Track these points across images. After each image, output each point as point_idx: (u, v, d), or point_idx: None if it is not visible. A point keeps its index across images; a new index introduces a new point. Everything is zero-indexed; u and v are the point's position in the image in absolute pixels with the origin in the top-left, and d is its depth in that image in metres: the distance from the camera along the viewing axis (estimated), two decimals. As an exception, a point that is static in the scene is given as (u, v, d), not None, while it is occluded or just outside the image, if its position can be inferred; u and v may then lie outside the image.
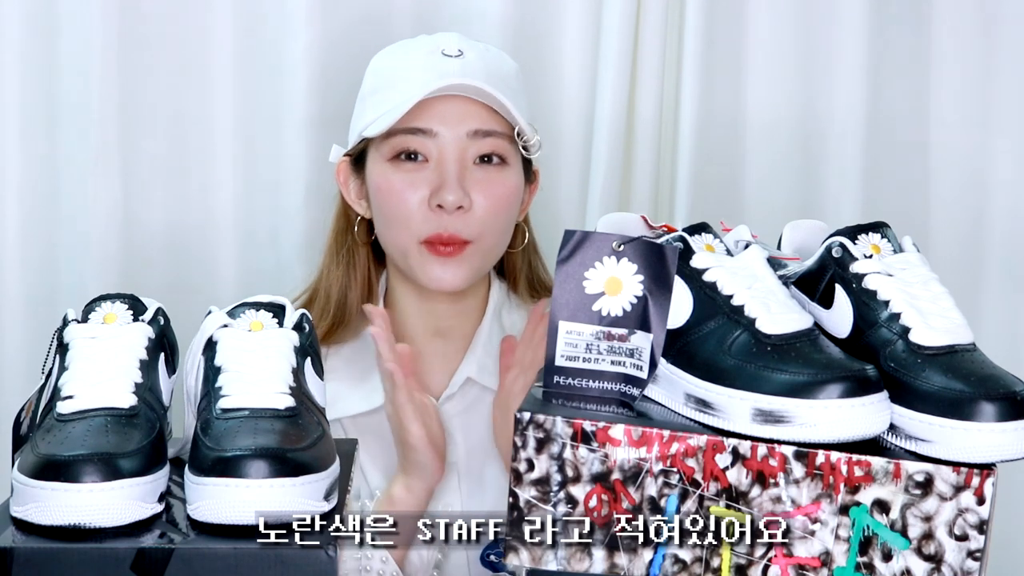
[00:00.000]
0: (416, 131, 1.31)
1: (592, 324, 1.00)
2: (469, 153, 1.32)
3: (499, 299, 1.42)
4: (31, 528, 0.89)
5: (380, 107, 1.32)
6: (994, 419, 0.90)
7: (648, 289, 0.99)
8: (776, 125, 1.69)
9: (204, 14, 1.65)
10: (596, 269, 1.01)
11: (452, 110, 1.30)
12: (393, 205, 1.32)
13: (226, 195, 1.67)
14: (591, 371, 1.01)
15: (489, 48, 1.37)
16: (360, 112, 1.36)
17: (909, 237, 1.03)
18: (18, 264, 1.64)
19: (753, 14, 1.70)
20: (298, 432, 0.94)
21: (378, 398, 1.35)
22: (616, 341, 1.00)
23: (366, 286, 1.41)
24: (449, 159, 1.31)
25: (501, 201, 1.33)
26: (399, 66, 1.34)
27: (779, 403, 0.91)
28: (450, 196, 1.29)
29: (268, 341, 1.01)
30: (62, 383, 0.97)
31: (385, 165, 1.33)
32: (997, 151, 1.72)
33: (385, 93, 1.33)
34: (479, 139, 1.32)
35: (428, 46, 1.34)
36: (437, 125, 1.31)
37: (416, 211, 1.31)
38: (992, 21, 1.70)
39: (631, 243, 1.01)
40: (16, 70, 1.61)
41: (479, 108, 1.31)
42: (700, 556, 0.93)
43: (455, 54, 1.32)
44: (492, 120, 1.32)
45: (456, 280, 1.33)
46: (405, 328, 1.40)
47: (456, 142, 1.31)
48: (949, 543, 0.91)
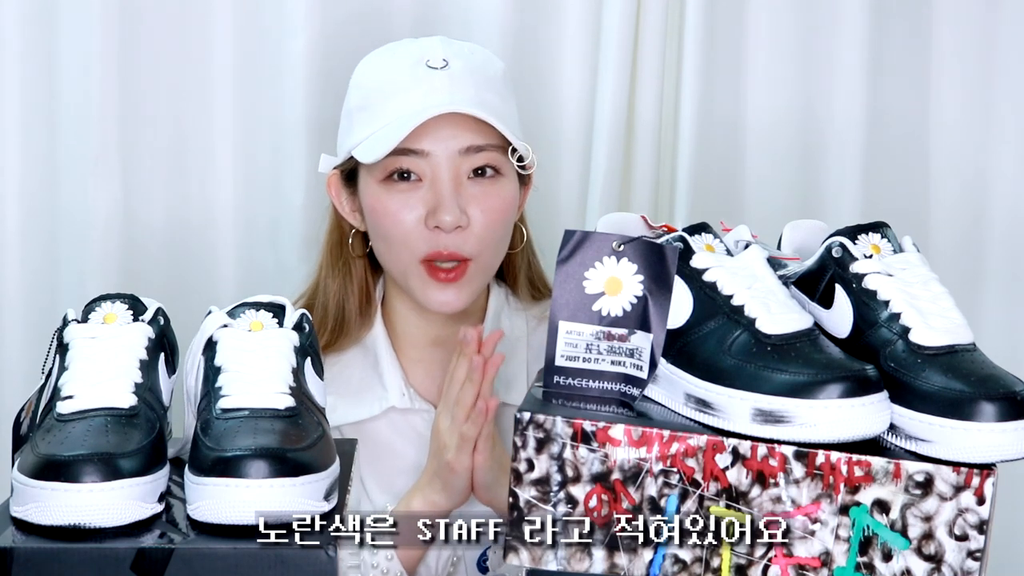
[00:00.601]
0: (408, 152, 1.29)
1: (592, 324, 1.00)
2: (463, 169, 1.30)
3: (498, 304, 1.41)
4: (31, 528, 0.89)
5: (368, 126, 1.31)
6: (994, 419, 0.90)
7: (648, 289, 0.99)
8: (776, 125, 1.69)
9: (204, 14, 1.65)
10: (596, 269, 1.01)
11: (443, 129, 1.29)
12: (389, 226, 1.31)
13: (226, 195, 1.67)
14: (591, 371, 1.00)
15: (474, 51, 1.35)
16: (347, 128, 1.35)
17: (909, 237, 1.03)
18: (18, 264, 1.64)
19: (753, 14, 1.70)
20: (298, 432, 0.93)
21: (378, 406, 1.36)
22: (616, 341, 1.00)
23: (364, 295, 1.40)
24: (443, 178, 1.29)
25: (498, 214, 1.32)
26: (385, 80, 1.32)
27: (779, 403, 0.91)
28: (447, 217, 1.28)
29: (268, 341, 1.01)
30: (62, 383, 0.97)
31: (378, 186, 1.31)
32: (997, 151, 1.72)
33: (372, 112, 1.31)
34: (472, 154, 1.30)
35: (412, 56, 1.32)
36: (429, 145, 1.29)
37: (413, 231, 1.30)
38: (992, 21, 1.70)
39: (631, 243, 1.01)
40: (16, 70, 1.61)
41: (469, 123, 1.29)
42: (700, 556, 0.93)
43: (440, 65, 1.30)
44: (484, 134, 1.30)
45: (458, 303, 1.32)
46: (405, 338, 1.40)
47: (449, 160, 1.29)
48: (949, 543, 0.91)
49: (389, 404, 1.37)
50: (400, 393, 1.38)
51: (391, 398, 1.37)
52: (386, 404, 1.37)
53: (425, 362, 1.40)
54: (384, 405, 1.37)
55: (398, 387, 1.38)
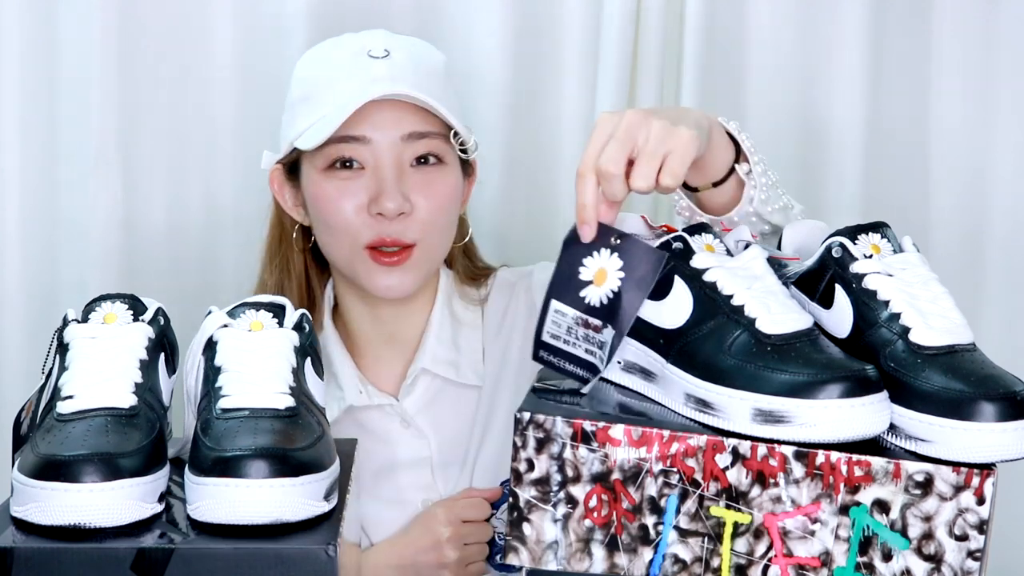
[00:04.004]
0: (350, 139, 1.28)
1: (576, 309, 1.01)
2: (405, 156, 1.30)
3: (448, 288, 1.41)
4: (31, 528, 0.89)
5: (310, 116, 1.30)
6: (994, 419, 0.90)
7: (624, 287, 0.99)
8: (776, 126, 1.69)
9: (204, 15, 1.65)
10: (593, 258, 1.01)
11: (384, 115, 1.28)
12: (332, 214, 1.31)
13: (226, 195, 1.68)
14: (568, 353, 1.02)
15: (415, 43, 1.35)
16: (290, 120, 1.34)
17: (909, 237, 1.03)
18: (18, 264, 1.64)
19: (753, 15, 1.70)
20: (298, 432, 0.94)
21: (336, 408, 1.36)
22: (591, 331, 1.01)
23: (304, 291, 1.40)
24: (385, 165, 1.29)
25: (441, 201, 1.32)
26: (325, 71, 1.32)
27: (779, 403, 0.91)
28: (390, 203, 1.28)
29: (268, 341, 1.01)
30: (62, 383, 0.97)
31: (321, 175, 1.31)
32: (997, 151, 1.72)
33: (314, 101, 1.31)
34: (414, 141, 1.30)
35: (353, 47, 1.32)
36: (371, 131, 1.29)
37: (356, 219, 1.30)
38: (992, 22, 1.70)
39: (626, 240, 1.01)
40: (16, 70, 1.62)
41: (411, 110, 1.29)
42: (700, 556, 0.93)
43: (381, 55, 1.30)
44: (426, 121, 1.30)
45: (404, 287, 1.32)
46: (359, 336, 1.40)
47: (391, 147, 1.29)
48: (949, 543, 0.91)
49: (347, 404, 1.37)
50: (357, 391, 1.38)
51: (348, 397, 1.37)
52: (344, 404, 1.37)
53: (383, 359, 1.40)
54: (342, 406, 1.37)
55: (354, 386, 1.38)
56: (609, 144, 1.00)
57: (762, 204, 1.14)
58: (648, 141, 1.00)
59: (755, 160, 1.14)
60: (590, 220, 1.01)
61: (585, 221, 1.01)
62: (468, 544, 1.32)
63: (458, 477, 1.37)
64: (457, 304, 1.41)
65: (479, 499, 1.34)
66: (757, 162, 1.14)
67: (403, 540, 1.32)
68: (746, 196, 1.14)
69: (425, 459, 1.37)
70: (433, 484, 1.36)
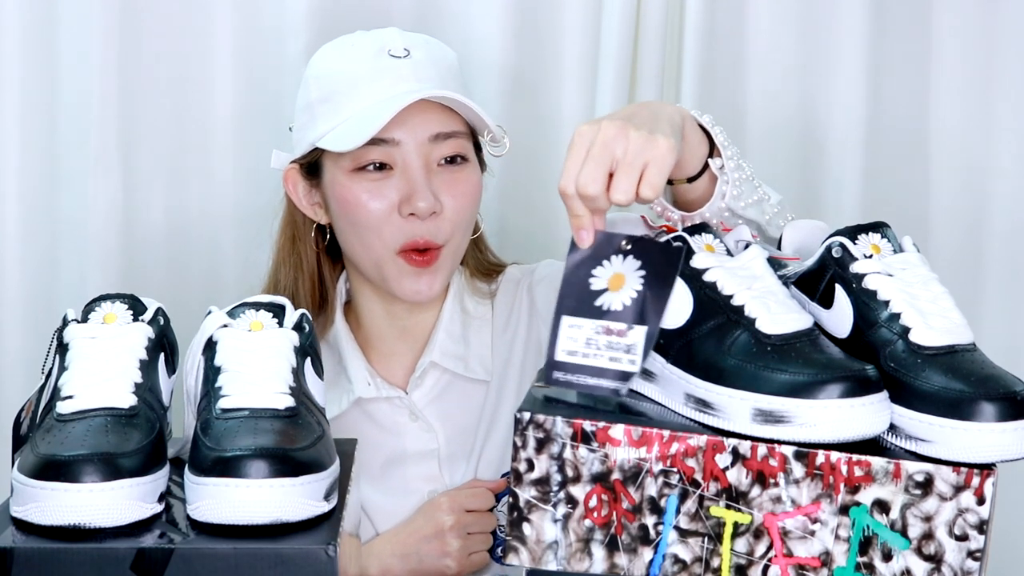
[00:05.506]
0: (379, 141, 1.28)
1: (593, 319, 1.01)
2: (433, 156, 1.31)
3: (460, 283, 1.42)
4: (31, 528, 0.89)
5: (333, 117, 1.30)
6: (994, 419, 0.90)
7: (648, 284, 0.99)
8: (776, 125, 1.69)
9: (204, 15, 1.65)
10: (603, 267, 1.01)
11: (412, 116, 1.28)
12: (363, 216, 1.31)
13: (226, 195, 1.67)
14: (589, 367, 1.00)
15: (429, 41, 1.35)
16: (309, 120, 1.33)
17: (909, 237, 1.03)
18: (18, 264, 1.64)
19: (753, 14, 1.70)
20: (298, 432, 0.94)
21: (345, 400, 1.37)
22: (615, 336, 1.00)
23: (316, 288, 1.40)
24: (415, 166, 1.29)
25: (468, 199, 1.33)
26: (346, 71, 1.32)
27: (779, 403, 0.91)
28: (422, 203, 1.28)
29: (268, 341, 1.01)
30: (62, 383, 0.97)
31: (348, 177, 1.31)
32: (997, 151, 1.72)
33: (337, 102, 1.30)
34: (441, 142, 1.31)
35: (371, 46, 1.32)
36: (399, 133, 1.29)
37: (387, 221, 1.30)
38: (992, 22, 1.70)
39: (638, 241, 1.01)
40: (16, 70, 1.62)
41: (437, 110, 1.30)
42: (700, 556, 0.93)
43: (402, 54, 1.30)
44: (451, 121, 1.31)
45: (432, 291, 1.33)
46: (371, 330, 1.41)
47: (419, 148, 1.30)
48: (949, 543, 0.91)
49: (355, 396, 1.38)
50: (365, 383, 1.38)
51: (356, 389, 1.38)
52: (352, 396, 1.38)
53: (394, 353, 1.40)
54: (351, 398, 1.38)
55: (363, 378, 1.38)
56: (587, 164, 1.02)
57: (734, 200, 1.15)
58: (627, 153, 1.01)
59: (728, 154, 1.15)
60: (587, 227, 1.03)
61: (582, 227, 1.03)
62: (471, 533, 1.32)
63: (464, 469, 1.37)
64: (468, 299, 1.42)
65: (483, 489, 1.34)
66: (731, 156, 1.15)
67: (407, 529, 1.33)
68: (718, 192, 1.15)
69: (432, 451, 1.37)
70: (440, 476, 1.37)
